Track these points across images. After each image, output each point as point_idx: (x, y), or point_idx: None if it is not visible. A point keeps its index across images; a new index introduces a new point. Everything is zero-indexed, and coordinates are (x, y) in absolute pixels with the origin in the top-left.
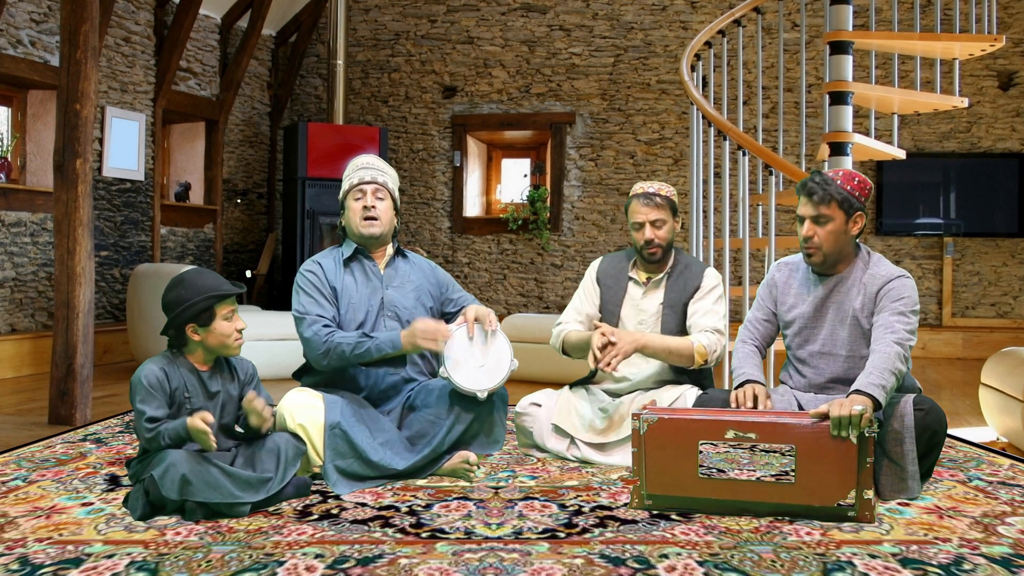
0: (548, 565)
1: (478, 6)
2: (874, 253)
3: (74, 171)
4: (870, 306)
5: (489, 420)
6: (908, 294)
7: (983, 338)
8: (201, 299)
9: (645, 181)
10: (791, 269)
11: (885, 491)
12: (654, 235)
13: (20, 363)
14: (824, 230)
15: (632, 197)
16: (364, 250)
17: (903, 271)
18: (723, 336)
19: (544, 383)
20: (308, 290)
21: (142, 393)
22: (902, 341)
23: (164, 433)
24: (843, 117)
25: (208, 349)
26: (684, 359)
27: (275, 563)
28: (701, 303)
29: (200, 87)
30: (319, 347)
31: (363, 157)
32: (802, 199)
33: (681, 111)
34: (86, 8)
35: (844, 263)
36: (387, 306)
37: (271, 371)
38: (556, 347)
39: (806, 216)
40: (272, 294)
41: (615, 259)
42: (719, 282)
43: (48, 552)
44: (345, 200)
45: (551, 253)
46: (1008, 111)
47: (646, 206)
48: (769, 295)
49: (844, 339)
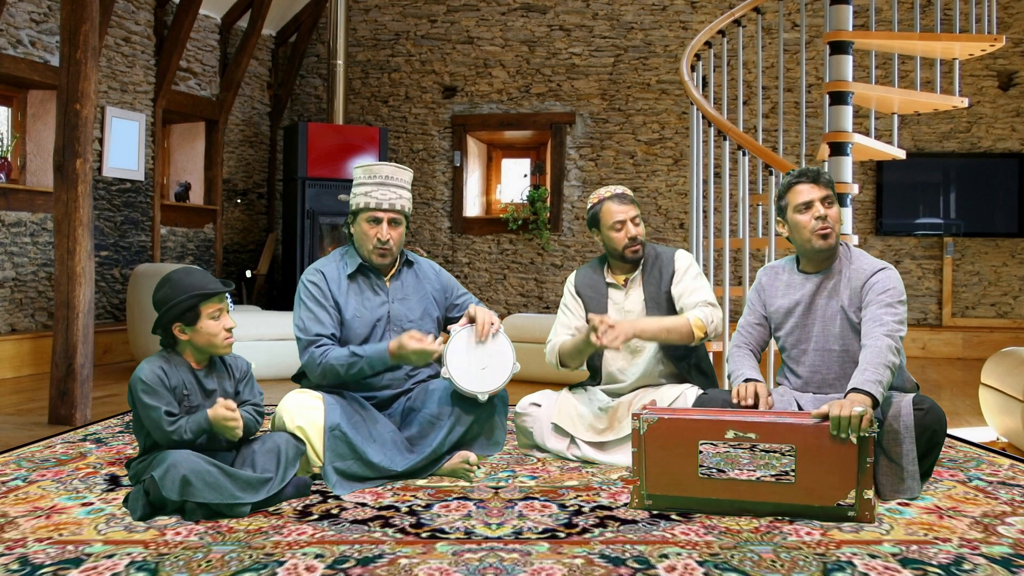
0: (548, 565)
1: (478, 6)
2: (853, 248)
3: (74, 171)
4: (857, 301)
5: (490, 423)
6: (893, 285)
7: (983, 338)
8: (185, 298)
9: (599, 189)
10: (776, 271)
11: (885, 491)
12: (636, 232)
13: (20, 363)
14: (834, 210)
15: (601, 202)
16: (369, 267)
17: (885, 263)
18: (716, 308)
19: (544, 383)
20: (309, 303)
21: (146, 391)
22: (892, 333)
23: (185, 427)
24: (843, 117)
25: (197, 348)
26: (683, 335)
27: (275, 563)
28: (682, 284)
29: (200, 87)
30: (315, 370)
31: (383, 167)
32: (801, 187)
33: (681, 111)
34: (86, 8)
35: (834, 257)
36: (394, 320)
37: (271, 371)
38: (552, 362)
39: (815, 199)
40: (272, 294)
41: (588, 270)
42: (692, 260)
43: (48, 552)
44: (357, 215)
45: (551, 253)
46: (1008, 111)
47: (622, 204)
48: (758, 299)
49: (836, 335)
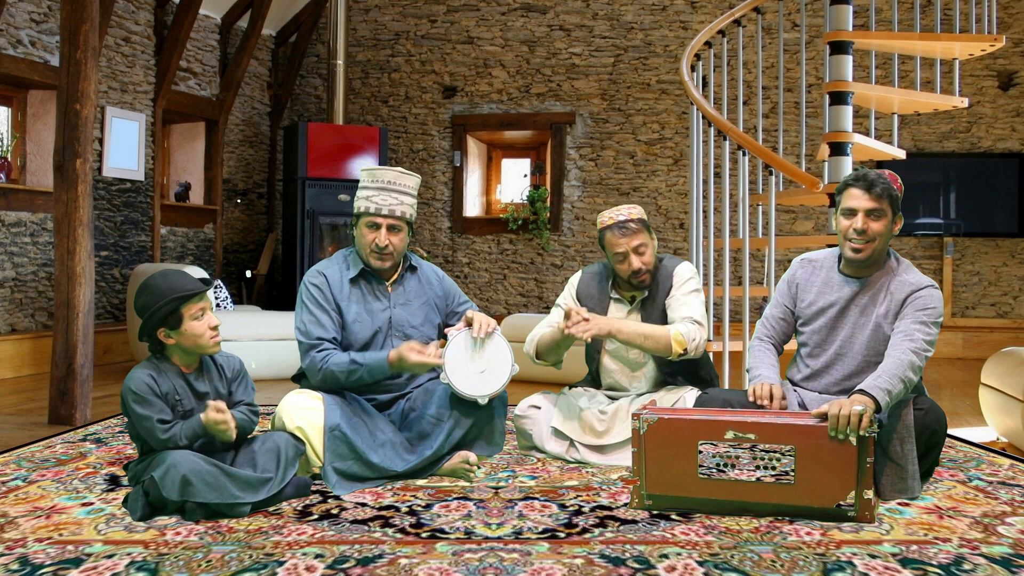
0: (548, 565)
1: (478, 6)
2: (903, 260)
3: (74, 171)
4: (895, 312)
5: (489, 425)
6: (935, 305)
7: (983, 338)
8: (165, 302)
9: (609, 210)
10: (815, 267)
11: (885, 491)
12: (640, 263)
13: (20, 363)
14: (878, 224)
15: (604, 230)
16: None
17: (932, 281)
18: (702, 327)
19: (544, 384)
20: (311, 306)
21: (137, 400)
22: (918, 351)
23: (180, 433)
24: (843, 117)
25: (185, 351)
26: (661, 346)
27: (275, 563)
28: (675, 297)
29: (200, 87)
30: (316, 375)
31: (387, 172)
32: (854, 191)
33: (681, 111)
34: (86, 8)
35: (877, 265)
36: (395, 326)
37: (271, 371)
38: (529, 353)
39: (860, 209)
40: (272, 294)
41: (594, 276)
42: (692, 274)
43: (48, 552)
44: (359, 219)
45: (551, 253)
46: (1008, 111)
47: (624, 236)
48: (788, 292)
49: (862, 343)
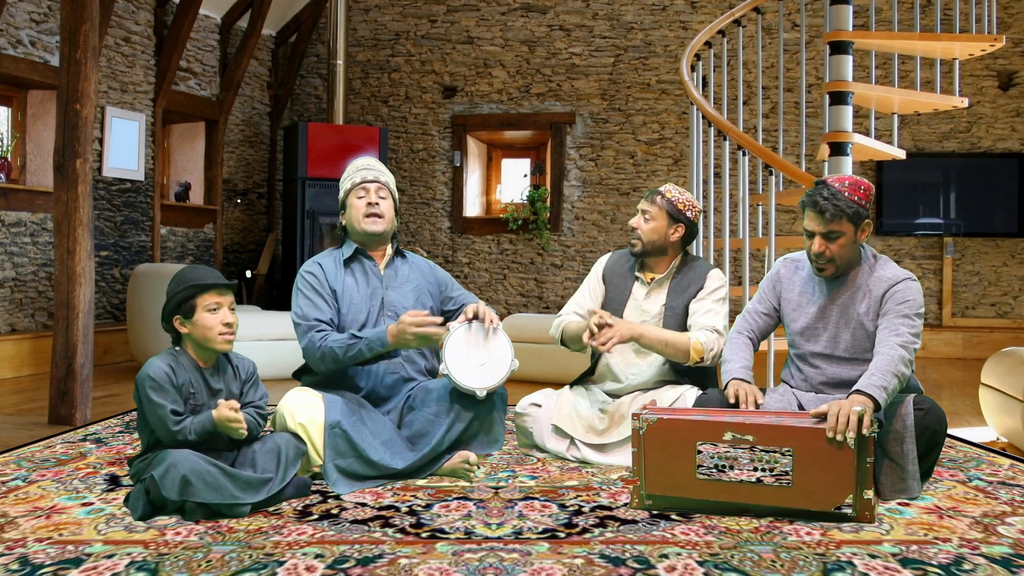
0: (548, 565)
1: (478, 6)
2: (880, 256)
3: (74, 171)
4: (875, 309)
5: (489, 419)
6: (913, 296)
7: (983, 338)
8: (182, 289)
9: (675, 187)
10: (797, 266)
11: (885, 491)
12: (638, 224)
13: (20, 363)
14: (835, 245)
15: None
16: (364, 250)
17: (909, 273)
18: (722, 337)
19: (544, 383)
20: (307, 292)
21: (154, 387)
22: (906, 344)
23: (190, 428)
24: (843, 117)
25: (196, 343)
26: (680, 354)
27: (275, 563)
28: (702, 303)
29: (200, 87)
30: (315, 353)
31: (362, 159)
32: (810, 213)
33: (681, 111)
34: (86, 8)
35: (852, 266)
36: (387, 307)
37: (271, 371)
38: (555, 336)
39: (816, 232)
40: (272, 294)
41: (622, 258)
42: (723, 283)
43: (48, 552)
44: (347, 199)
45: (551, 253)
46: (1008, 111)
47: (645, 200)
48: (772, 290)
49: (847, 342)
